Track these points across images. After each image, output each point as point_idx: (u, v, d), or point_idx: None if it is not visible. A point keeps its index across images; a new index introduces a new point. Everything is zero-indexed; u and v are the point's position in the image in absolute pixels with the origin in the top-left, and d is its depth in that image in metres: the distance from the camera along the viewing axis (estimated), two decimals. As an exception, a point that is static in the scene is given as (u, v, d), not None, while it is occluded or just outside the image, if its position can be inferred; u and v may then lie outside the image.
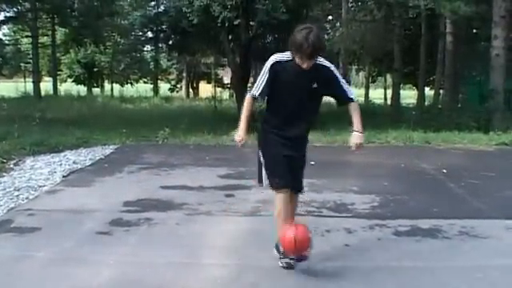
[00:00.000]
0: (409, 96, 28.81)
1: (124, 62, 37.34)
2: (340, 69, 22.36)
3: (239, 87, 14.96)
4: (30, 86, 27.36)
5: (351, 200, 5.77)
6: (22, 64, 40.46)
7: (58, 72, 34.08)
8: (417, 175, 7.30)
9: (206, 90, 36.35)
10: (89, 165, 7.87)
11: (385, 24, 23.48)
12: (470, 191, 6.23)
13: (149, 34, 20.22)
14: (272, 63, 3.58)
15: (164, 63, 40.45)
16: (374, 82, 40.02)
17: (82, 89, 34.19)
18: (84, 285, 3.48)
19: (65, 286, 3.45)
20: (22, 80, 39.11)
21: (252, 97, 3.66)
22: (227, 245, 4.22)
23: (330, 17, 26.56)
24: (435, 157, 8.78)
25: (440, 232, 4.65)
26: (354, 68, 38.32)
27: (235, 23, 12.10)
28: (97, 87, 37.73)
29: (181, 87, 40.47)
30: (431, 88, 26.42)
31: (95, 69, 35.54)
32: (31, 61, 29.58)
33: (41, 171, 7.20)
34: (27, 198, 5.76)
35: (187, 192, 6.14)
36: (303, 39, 3.36)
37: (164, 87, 40.75)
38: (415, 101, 23.53)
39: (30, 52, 30.15)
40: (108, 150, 9.18)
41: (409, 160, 8.37)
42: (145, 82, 41.02)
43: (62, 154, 8.61)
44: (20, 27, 32.31)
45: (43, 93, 26.64)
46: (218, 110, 18.40)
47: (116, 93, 33.97)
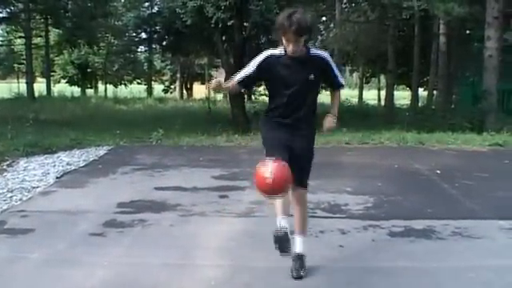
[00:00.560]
0: (402, 97, 28.92)
1: (118, 63, 37.41)
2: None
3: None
4: (24, 87, 27.28)
5: (345, 201, 5.77)
6: (16, 65, 40.49)
7: (52, 73, 34.04)
8: (411, 176, 7.31)
9: (200, 91, 36.32)
10: (82, 166, 7.84)
11: (378, 25, 23.55)
12: (464, 192, 6.24)
13: (142, 35, 20.21)
14: (263, 58, 3.53)
15: (158, 64, 40.46)
16: (368, 83, 40.19)
17: (76, 90, 34.20)
18: (78, 286, 3.47)
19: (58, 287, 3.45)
20: (16, 81, 39.15)
21: (237, 82, 3.59)
22: (221, 246, 4.22)
23: (324, 18, 26.57)
24: (429, 157, 8.79)
25: (434, 233, 4.66)
26: (348, 69, 38.40)
27: (229, 24, 12.10)
28: (90, 88, 37.73)
29: (174, 88, 40.43)
30: (425, 89, 26.52)
31: (89, 70, 35.61)
32: (25, 62, 29.52)
33: (34, 172, 7.17)
34: (21, 200, 5.74)
35: (181, 193, 6.13)
36: (286, 18, 3.29)
37: (158, 88, 40.78)
38: (409, 102, 23.61)
39: (24, 53, 30.08)
40: (102, 151, 9.14)
41: (403, 161, 8.38)
42: (138, 83, 41.01)
43: (56, 155, 8.58)
44: (13, 28, 32.20)
45: (37, 94, 26.58)
46: (212, 111, 18.38)
47: (110, 94, 33.93)
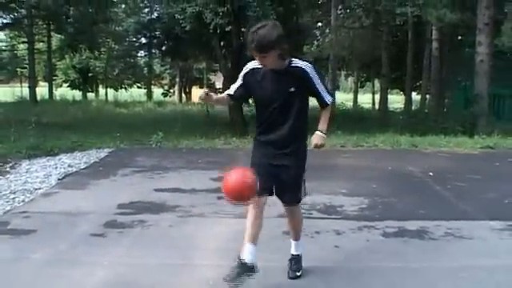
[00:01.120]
0: (396, 101, 28.96)
1: (118, 68, 37.34)
2: (330, 74, 22.39)
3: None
4: (26, 91, 27.17)
5: (340, 202, 5.78)
6: (19, 69, 40.35)
7: (54, 77, 33.94)
8: (404, 178, 7.32)
9: (199, 95, 36.29)
10: (83, 168, 7.82)
11: (373, 31, 23.67)
12: (456, 193, 6.25)
13: (142, 40, 20.31)
14: (246, 71, 3.44)
15: (157, 68, 40.39)
16: (363, 87, 40.25)
17: (77, 93, 34.10)
18: (78, 285, 3.47)
19: (59, 287, 3.43)
20: (19, 85, 38.88)
21: (229, 95, 3.57)
22: (219, 246, 4.21)
23: (320, 23, 26.62)
24: (422, 160, 8.80)
25: (427, 233, 4.66)
26: (343, 73, 38.53)
27: (227, 30, 12.09)
28: (91, 92, 37.60)
29: (174, 92, 40.36)
30: (418, 93, 26.56)
31: (90, 74, 35.45)
32: (27, 66, 29.43)
33: (36, 174, 7.15)
34: (23, 201, 5.73)
35: (180, 194, 6.13)
36: (250, 34, 3.16)
37: (157, 92, 40.68)
38: (402, 105, 23.68)
39: (27, 57, 29.98)
40: (102, 154, 9.13)
41: (396, 163, 8.38)
42: (138, 87, 40.91)
43: (58, 158, 8.56)
44: (16, 33, 32.14)
45: (39, 97, 26.49)
46: (210, 115, 18.36)
47: (110, 97, 33.80)
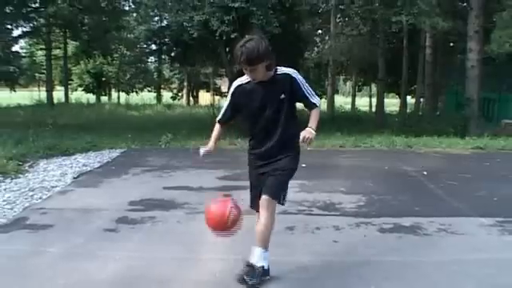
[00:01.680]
0: (392, 104, 28.90)
1: (130, 73, 37.45)
2: (329, 78, 22.38)
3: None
4: (44, 95, 27.33)
5: (339, 200, 5.77)
6: (37, 74, 40.65)
7: (70, 81, 34.06)
8: (399, 177, 7.31)
9: (205, 98, 36.38)
10: (97, 167, 7.85)
11: (370, 38, 23.64)
12: (449, 191, 6.24)
13: (153, 47, 20.26)
14: (233, 89, 3.37)
15: (166, 73, 40.41)
16: (360, 91, 40.24)
17: (91, 97, 34.24)
18: (92, 278, 3.47)
19: (74, 279, 3.44)
20: (37, 89, 39.31)
21: (218, 121, 3.58)
22: (225, 241, 4.19)
23: (320, 31, 26.61)
24: (416, 160, 8.79)
25: (421, 229, 4.66)
26: (342, 78, 38.49)
27: (232, 37, 12.08)
28: (105, 95, 37.75)
29: (182, 95, 40.37)
30: (412, 96, 26.54)
31: (103, 78, 35.73)
32: (45, 71, 29.56)
33: (53, 173, 7.18)
34: (41, 198, 5.75)
35: (188, 192, 6.13)
36: (239, 47, 3.05)
37: (166, 95, 40.67)
38: (398, 108, 23.60)
39: (44, 63, 30.15)
40: (115, 154, 9.15)
41: (392, 163, 8.38)
42: (149, 91, 41.02)
43: (73, 157, 8.60)
44: (35, 41, 32.25)
45: (56, 101, 26.57)
46: (216, 117, 18.32)
47: (122, 101, 33.93)
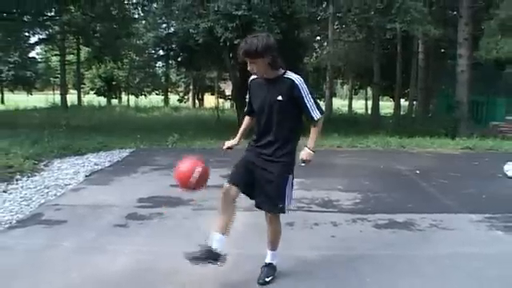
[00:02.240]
0: (387, 106, 28.91)
1: (139, 77, 37.57)
2: (327, 82, 22.35)
3: (239, 98, 14.97)
4: (58, 98, 27.39)
5: (337, 197, 5.77)
6: (52, 78, 40.81)
7: (82, 85, 34.17)
8: (394, 176, 7.30)
9: (210, 101, 36.35)
10: (108, 166, 7.85)
11: (366, 44, 23.67)
12: (440, 189, 6.24)
13: (160, 52, 20.24)
14: (249, 82, 3.32)
15: (173, 77, 40.48)
16: (357, 94, 40.30)
17: (103, 100, 34.38)
18: (103, 271, 3.47)
19: (86, 272, 3.44)
20: (51, 92, 39.39)
21: (244, 114, 3.54)
22: (229, 236, 4.20)
23: (318, 37, 26.61)
24: (409, 159, 8.78)
25: (414, 225, 4.65)
26: (339, 82, 38.46)
27: (235, 43, 12.07)
28: (115, 98, 37.86)
29: (188, 98, 40.48)
30: (406, 99, 26.52)
31: (114, 82, 35.85)
32: (59, 76, 29.67)
33: (66, 171, 7.18)
34: (55, 195, 5.76)
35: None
36: (243, 41, 3.02)
37: (173, 98, 40.79)
38: (392, 110, 23.59)
39: (59, 68, 30.24)
40: (125, 153, 9.16)
41: (387, 162, 8.37)
42: (157, 94, 41.16)
43: (85, 157, 8.60)
44: (50, 47, 32.37)
45: (69, 103, 26.60)
46: (221, 119, 18.36)
47: (132, 103, 34.03)
